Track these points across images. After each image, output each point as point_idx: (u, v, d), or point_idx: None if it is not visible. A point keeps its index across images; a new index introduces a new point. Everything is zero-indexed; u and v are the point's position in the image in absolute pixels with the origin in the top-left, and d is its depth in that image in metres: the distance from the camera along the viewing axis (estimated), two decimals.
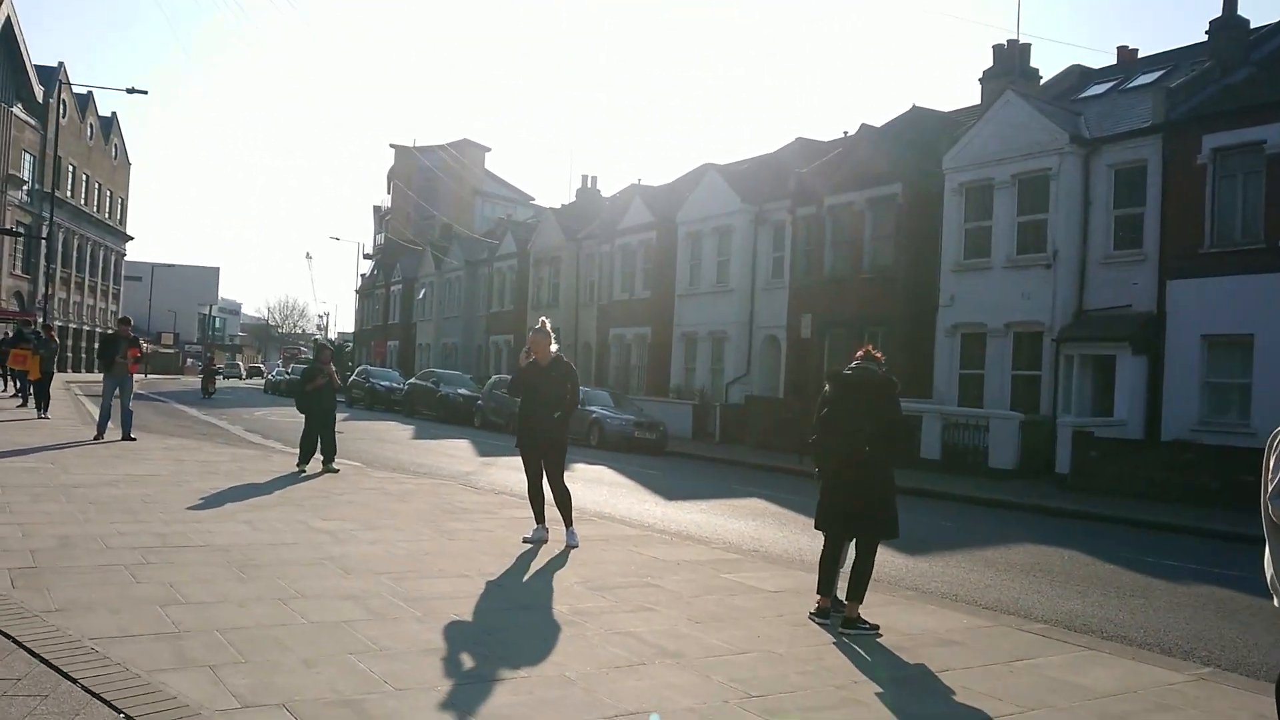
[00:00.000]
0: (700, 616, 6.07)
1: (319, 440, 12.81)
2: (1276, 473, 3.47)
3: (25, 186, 48.11)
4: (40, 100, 48.58)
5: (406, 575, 6.65)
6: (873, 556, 6.11)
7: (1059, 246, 19.86)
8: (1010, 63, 23.54)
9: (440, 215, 67.82)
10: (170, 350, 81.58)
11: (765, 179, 29.23)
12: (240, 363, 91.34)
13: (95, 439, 14.67)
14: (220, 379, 76.60)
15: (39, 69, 48.40)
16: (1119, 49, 26.09)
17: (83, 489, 9.60)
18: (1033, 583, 8.67)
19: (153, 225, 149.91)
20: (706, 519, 11.69)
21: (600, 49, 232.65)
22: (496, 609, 5.94)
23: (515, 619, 5.73)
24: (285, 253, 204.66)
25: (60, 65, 51.59)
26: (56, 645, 4.49)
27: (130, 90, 31.36)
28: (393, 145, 78.68)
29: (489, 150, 78.00)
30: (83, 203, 56.64)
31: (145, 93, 31.72)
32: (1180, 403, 18.15)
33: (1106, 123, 20.79)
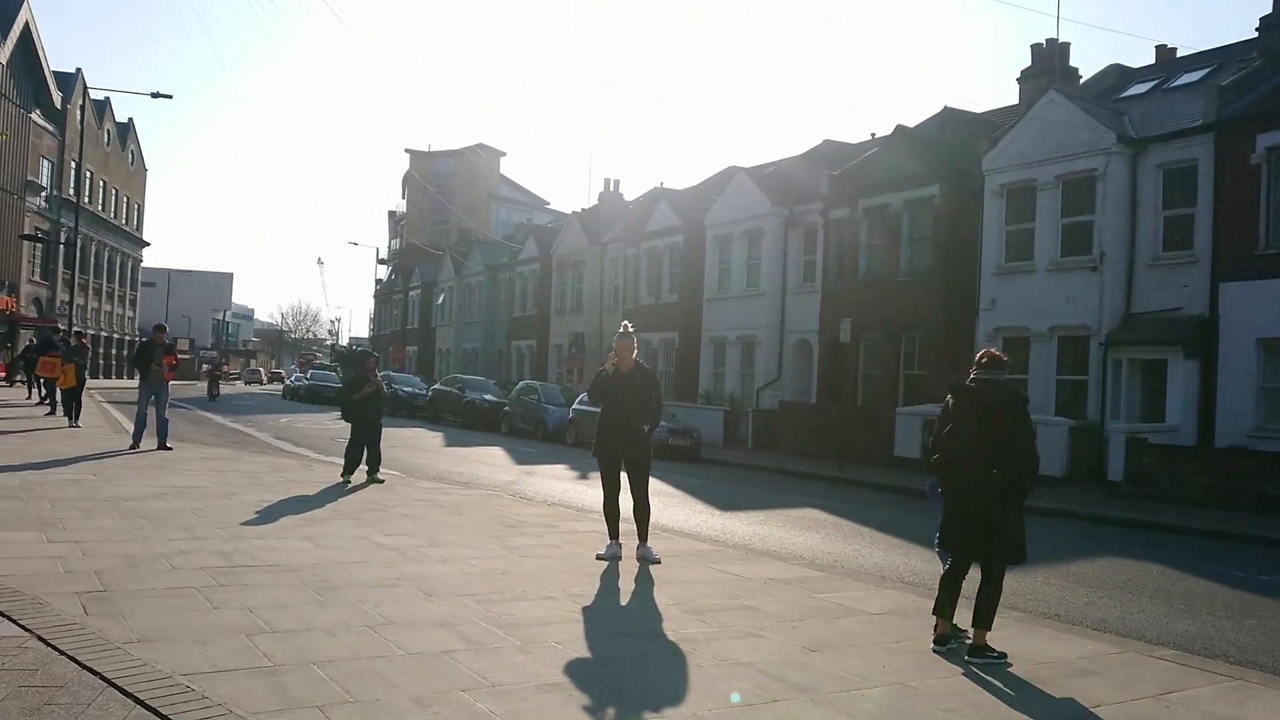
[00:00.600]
0: (813, 643, 5.69)
1: (364, 450, 12.49)
2: None
3: (44, 193, 47.99)
4: (59, 106, 48.47)
5: (491, 598, 6.28)
6: (1000, 581, 5.72)
7: (1106, 249, 19.41)
8: (1049, 62, 23.02)
9: (457, 220, 67.63)
10: (186, 356, 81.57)
11: (794, 181, 28.84)
12: (261, 369, 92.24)
13: (131, 448, 14.36)
14: (242, 384, 78.03)
15: (56, 75, 48.29)
16: (1157, 48, 25.60)
17: (131, 502, 9.27)
18: (1132, 601, 8.24)
19: (166, 230, 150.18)
20: (768, 531, 11.29)
21: (608, 50, 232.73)
22: (598, 637, 5.55)
23: (622, 648, 5.34)
24: (297, 259, 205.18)
25: (78, 71, 51.52)
26: (152, 684, 4.13)
27: (155, 95, 31.06)
28: (408, 150, 78.59)
29: (504, 154, 77.87)
30: (100, 209, 56.53)
31: (170, 97, 31.38)
32: (1234, 408, 17.67)
33: (1152, 122, 20.34)
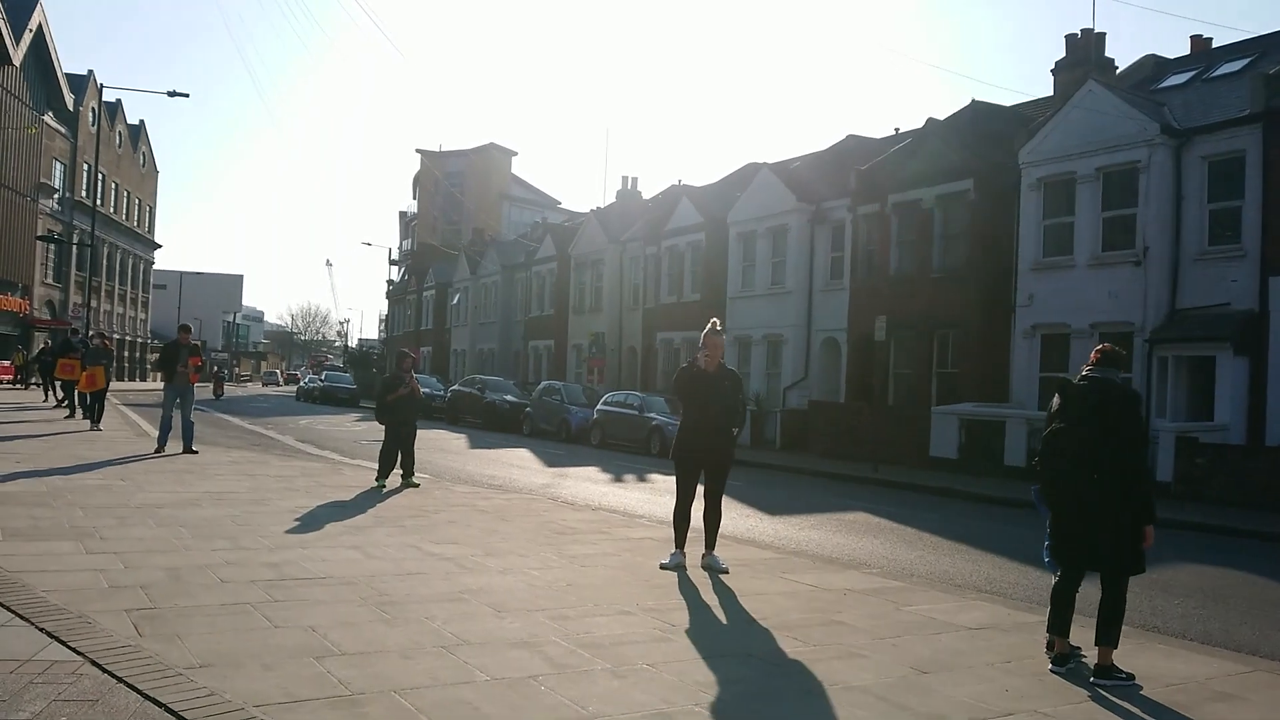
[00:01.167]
0: (920, 663, 5.24)
1: (398, 454, 12.08)
2: None
3: (56, 195, 47.74)
4: (71, 108, 48.22)
5: (564, 614, 5.83)
6: (1123, 594, 5.25)
7: (1149, 243, 18.86)
8: (1084, 52, 22.49)
9: (469, 219, 67.25)
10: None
11: (819, 177, 28.32)
12: (278, 371, 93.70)
13: (156, 452, 13.98)
14: (260, 385, 78.64)
15: (68, 77, 48.01)
16: (1192, 38, 25.10)
17: (166, 509, 8.86)
18: (1231, 612, 7.75)
19: (174, 232, 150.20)
20: (824, 536, 10.83)
21: (618, 48, 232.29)
22: (693, 659, 5.10)
23: (723, 672, 4.89)
24: (306, 260, 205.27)
25: (90, 73, 51.27)
26: (224, 719, 3.70)
27: (171, 94, 30.78)
28: (419, 150, 78.21)
29: (515, 154, 77.43)
30: (112, 211, 56.30)
31: (186, 95, 31.06)
32: None
33: (1194, 113, 19.79)
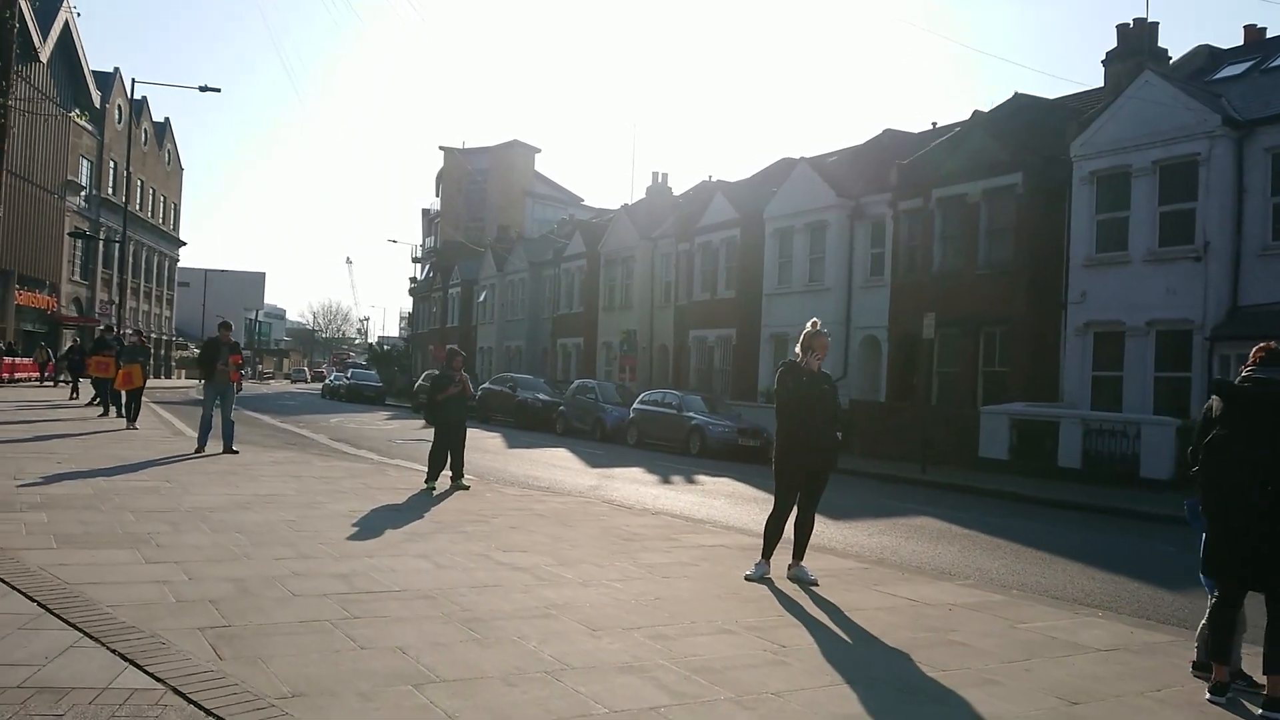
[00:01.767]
0: (1064, 691, 4.77)
1: (448, 456, 11.69)
2: None
3: (83, 192, 47.75)
4: (98, 106, 48.20)
5: (662, 632, 5.40)
6: None
7: (1210, 238, 18.26)
8: (1137, 43, 21.89)
9: (493, 216, 66.97)
10: None
11: (857, 172, 27.81)
12: (306, 368, 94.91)
13: (196, 452, 13.65)
14: (289, 382, 79.25)
15: (95, 74, 48.00)
16: (1245, 28, 24.36)
17: (218, 514, 8.48)
18: None
19: (197, 229, 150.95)
20: (898, 543, 10.36)
21: (644, 45, 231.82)
22: (818, 686, 4.64)
23: (854, 701, 4.43)
24: (326, 257, 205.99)
25: (116, 71, 51.29)
26: None
27: (203, 89, 30.53)
28: (442, 147, 77.92)
29: (539, 151, 76.99)
30: (137, 208, 56.34)
31: (219, 90, 30.81)
32: None
33: (1253, 104, 19.15)
